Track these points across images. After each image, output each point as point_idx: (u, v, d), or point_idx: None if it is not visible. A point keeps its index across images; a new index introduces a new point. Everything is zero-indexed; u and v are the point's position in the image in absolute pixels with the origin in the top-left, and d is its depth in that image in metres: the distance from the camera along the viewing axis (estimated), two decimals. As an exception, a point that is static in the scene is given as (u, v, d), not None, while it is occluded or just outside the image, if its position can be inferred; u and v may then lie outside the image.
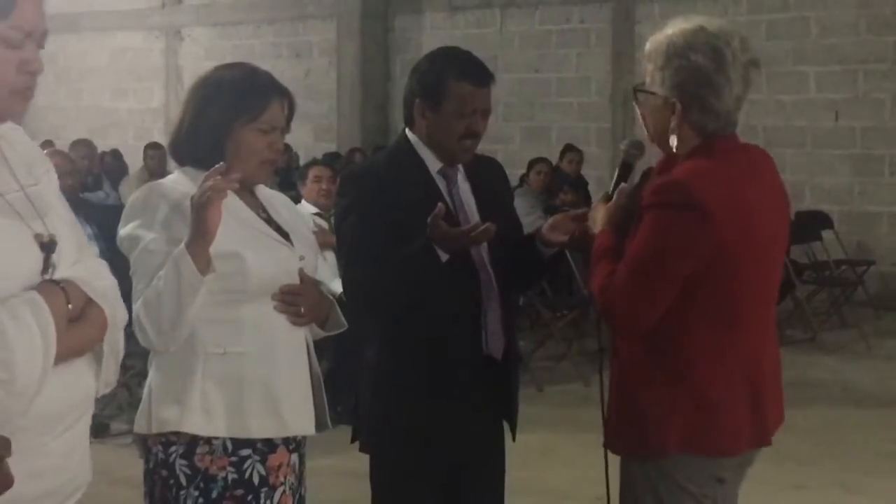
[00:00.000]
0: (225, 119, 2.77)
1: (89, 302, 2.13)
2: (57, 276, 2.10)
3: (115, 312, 2.20)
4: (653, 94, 2.78)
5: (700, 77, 2.70)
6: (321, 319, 2.90)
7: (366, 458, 3.31)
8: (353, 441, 3.32)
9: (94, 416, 7.15)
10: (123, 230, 2.75)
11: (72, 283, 2.10)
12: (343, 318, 2.94)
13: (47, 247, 2.10)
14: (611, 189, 2.97)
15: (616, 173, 3.00)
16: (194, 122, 2.81)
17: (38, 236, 2.10)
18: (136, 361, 6.87)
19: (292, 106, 2.89)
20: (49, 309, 2.01)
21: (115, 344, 2.21)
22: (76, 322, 2.09)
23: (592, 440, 2.94)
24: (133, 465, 5.99)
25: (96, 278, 2.19)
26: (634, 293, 2.68)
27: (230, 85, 2.80)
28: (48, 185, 2.23)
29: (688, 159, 2.75)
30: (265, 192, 2.95)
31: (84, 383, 2.17)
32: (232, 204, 2.70)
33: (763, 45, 11.74)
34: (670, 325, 2.69)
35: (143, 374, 8.59)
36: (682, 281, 2.65)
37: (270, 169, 2.89)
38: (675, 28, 2.76)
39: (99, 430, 6.46)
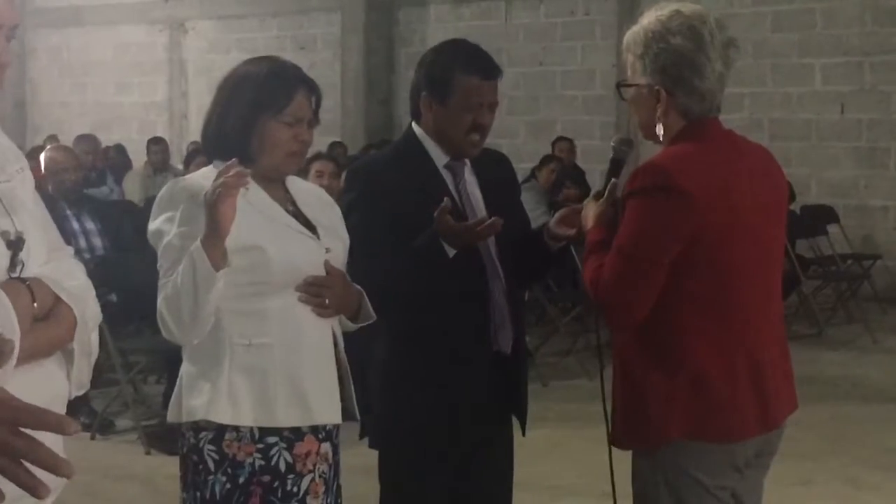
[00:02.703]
0: (250, 113, 2.81)
1: (58, 301, 2.05)
2: (25, 275, 2.02)
3: (86, 312, 2.11)
4: (636, 85, 2.77)
5: (681, 58, 2.69)
6: (349, 311, 2.91)
7: (374, 453, 3.30)
8: (361, 437, 3.31)
9: (99, 414, 7.10)
10: (151, 225, 2.80)
11: (39, 281, 2.03)
12: (372, 311, 2.94)
13: (14, 244, 2.02)
14: (602, 186, 2.96)
15: (607, 170, 3.00)
16: (221, 117, 2.86)
17: (3, 233, 2.03)
18: (139, 358, 6.87)
19: (319, 98, 2.91)
20: (12, 306, 1.93)
21: (86, 344, 2.12)
22: (43, 321, 2.02)
23: (599, 435, 2.93)
24: (138, 462, 6.02)
25: (67, 278, 2.11)
26: (622, 281, 2.68)
27: (255, 79, 2.85)
28: (22, 184, 2.15)
29: (671, 145, 2.74)
30: (297, 185, 2.97)
31: (54, 383, 2.09)
32: (255, 197, 2.77)
33: (768, 37, 11.72)
34: (663, 314, 2.67)
35: (147, 371, 8.60)
36: (669, 266, 2.64)
37: (298, 161, 2.92)
38: (650, 17, 2.75)
39: (104, 426, 6.46)
